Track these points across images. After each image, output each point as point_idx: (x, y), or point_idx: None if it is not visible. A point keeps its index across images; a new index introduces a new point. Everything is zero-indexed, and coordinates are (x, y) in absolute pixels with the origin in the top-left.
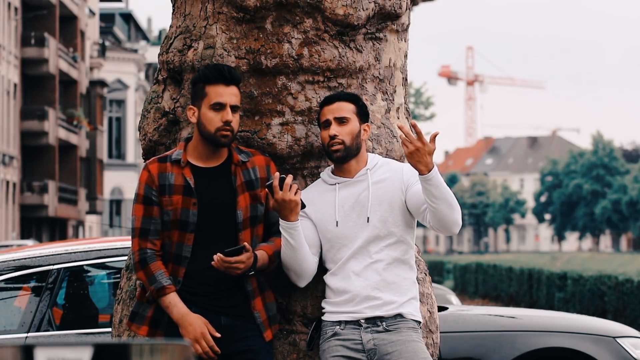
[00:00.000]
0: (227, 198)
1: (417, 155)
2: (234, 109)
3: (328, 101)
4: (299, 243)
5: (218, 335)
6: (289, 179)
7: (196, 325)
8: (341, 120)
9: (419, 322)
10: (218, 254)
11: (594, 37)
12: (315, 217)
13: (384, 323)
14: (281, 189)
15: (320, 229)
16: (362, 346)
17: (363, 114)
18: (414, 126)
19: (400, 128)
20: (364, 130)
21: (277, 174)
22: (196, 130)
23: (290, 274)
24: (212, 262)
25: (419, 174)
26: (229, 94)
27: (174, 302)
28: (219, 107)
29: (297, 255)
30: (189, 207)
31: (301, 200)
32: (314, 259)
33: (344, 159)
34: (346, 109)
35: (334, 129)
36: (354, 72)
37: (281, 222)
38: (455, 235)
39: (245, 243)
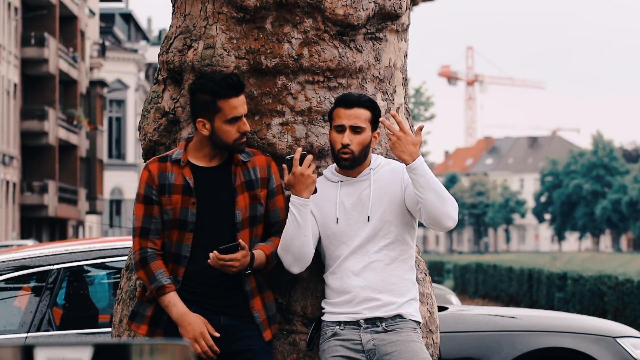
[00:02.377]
0: (226, 198)
1: (400, 145)
2: (245, 116)
3: (346, 104)
4: (305, 222)
5: (217, 334)
6: (310, 157)
7: (195, 324)
8: (355, 130)
9: (419, 323)
10: (214, 251)
11: (594, 37)
12: (316, 213)
13: (383, 323)
14: (301, 164)
15: (320, 225)
16: (362, 346)
17: (376, 122)
18: (393, 116)
19: (381, 122)
20: (374, 138)
21: (300, 148)
22: (200, 133)
23: (286, 257)
24: (208, 260)
25: (405, 164)
26: (241, 105)
27: (174, 302)
28: (235, 120)
29: (301, 235)
30: (188, 207)
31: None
32: (312, 247)
33: (350, 167)
34: (363, 117)
35: (348, 138)
36: (354, 72)
37: (293, 198)
38: (450, 231)
39: (241, 240)
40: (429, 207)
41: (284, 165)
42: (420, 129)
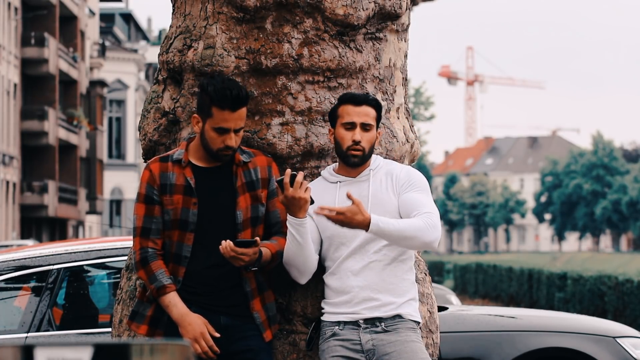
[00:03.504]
0: (227, 198)
1: (349, 223)
2: (237, 130)
3: (355, 101)
4: (305, 240)
5: (217, 335)
6: (300, 176)
7: (195, 325)
8: (365, 127)
9: (418, 323)
10: (228, 240)
11: (594, 37)
12: (315, 216)
13: (382, 324)
14: (292, 185)
15: (320, 227)
16: (361, 346)
17: (379, 121)
18: (322, 208)
19: (319, 213)
20: (377, 136)
21: (289, 170)
22: (198, 133)
23: (292, 270)
24: (220, 247)
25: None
26: (234, 120)
27: (174, 302)
28: (222, 131)
29: (302, 251)
30: (189, 207)
31: (310, 197)
32: (316, 256)
33: (360, 164)
34: (371, 114)
35: (359, 134)
36: (354, 72)
37: (289, 218)
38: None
39: (257, 238)
40: (407, 248)
41: (276, 185)
42: (348, 195)
